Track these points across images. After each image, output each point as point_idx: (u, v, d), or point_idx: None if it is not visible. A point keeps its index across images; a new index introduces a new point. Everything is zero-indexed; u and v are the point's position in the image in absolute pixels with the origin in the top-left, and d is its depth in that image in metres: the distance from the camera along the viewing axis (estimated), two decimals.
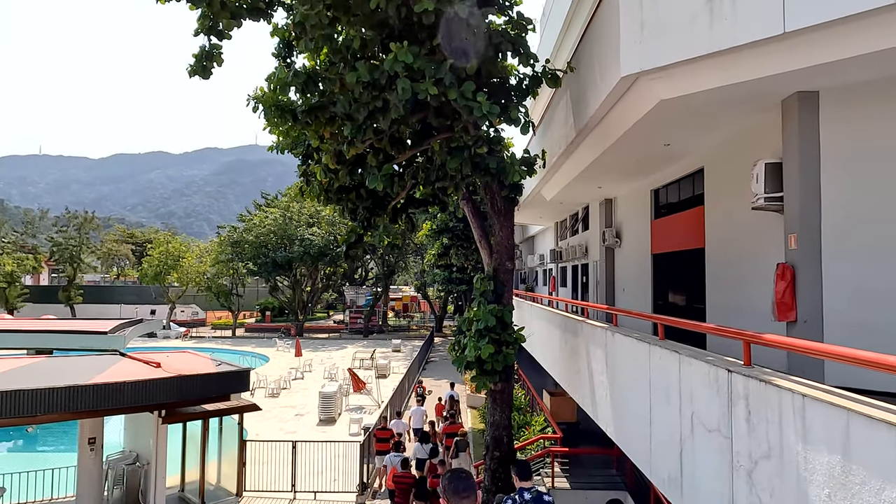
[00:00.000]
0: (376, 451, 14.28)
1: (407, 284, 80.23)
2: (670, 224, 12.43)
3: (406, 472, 11.40)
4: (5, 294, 52.03)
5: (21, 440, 20.77)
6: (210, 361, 13.44)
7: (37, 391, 9.76)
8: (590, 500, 11.74)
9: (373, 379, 26.41)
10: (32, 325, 23.24)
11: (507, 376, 10.96)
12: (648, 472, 6.50)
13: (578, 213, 21.92)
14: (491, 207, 11.51)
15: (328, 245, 45.43)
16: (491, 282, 10.97)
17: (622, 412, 7.66)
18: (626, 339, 7.44)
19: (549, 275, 29.67)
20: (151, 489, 12.15)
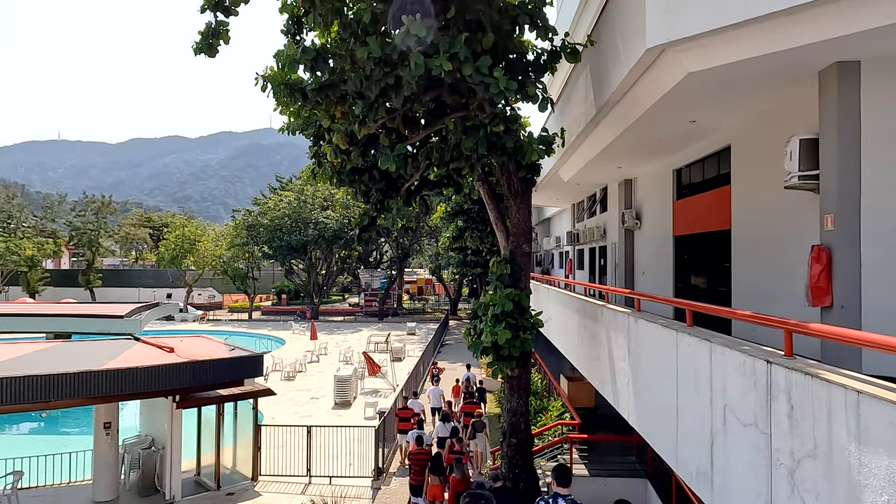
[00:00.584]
0: (397, 429, 14.59)
1: (421, 267, 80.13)
2: (694, 205, 11.98)
3: (421, 448, 11.45)
4: (27, 278, 52.82)
5: (42, 422, 21.05)
6: (224, 346, 13.34)
7: (50, 377, 9.70)
8: (609, 487, 11.50)
9: (388, 362, 26.35)
10: (51, 309, 23.43)
11: (524, 362, 10.70)
12: (674, 465, 6.22)
13: (596, 194, 21.43)
14: (507, 189, 11.16)
15: (342, 228, 45.31)
16: (508, 265, 10.66)
17: (646, 401, 7.36)
18: (651, 325, 7.11)
19: (565, 257, 29.26)
20: (167, 473, 12.15)
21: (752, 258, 9.08)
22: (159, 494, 12.20)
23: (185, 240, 49.19)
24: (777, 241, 8.24)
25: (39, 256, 52.45)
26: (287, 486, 13.12)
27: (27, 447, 15.01)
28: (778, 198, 8.19)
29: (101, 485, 11.93)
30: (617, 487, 11.50)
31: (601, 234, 20.06)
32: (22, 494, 11.80)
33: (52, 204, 65.38)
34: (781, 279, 8.13)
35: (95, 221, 57.97)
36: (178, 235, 49.51)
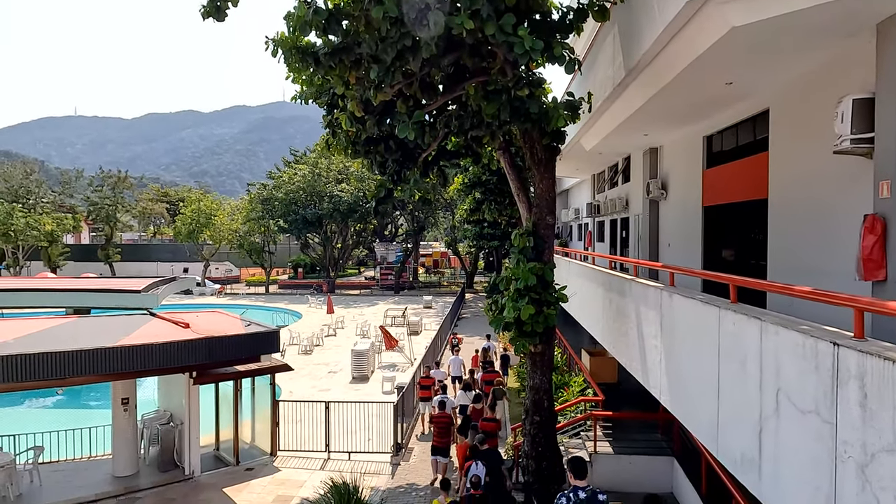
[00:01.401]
0: (420, 397, 15.02)
1: (437, 240, 79.80)
2: (726, 173, 11.38)
3: (442, 412, 11.89)
4: (48, 253, 53.43)
5: (64, 396, 21.27)
6: (240, 322, 13.15)
7: (65, 353, 9.55)
8: (634, 465, 11.21)
9: (405, 336, 26.20)
10: (69, 284, 23.50)
11: (547, 338, 10.34)
12: (715, 450, 5.84)
13: (619, 164, 20.75)
14: (530, 157, 10.66)
15: (357, 201, 44.95)
16: (531, 238, 10.23)
17: (681, 381, 6.97)
18: (688, 301, 6.67)
19: (584, 230, 28.68)
20: (186, 448, 12.09)
21: (791, 229, 8.54)
22: (178, 469, 12.16)
23: (201, 214, 49.19)
24: (822, 210, 7.69)
25: (59, 231, 52.88)
26: (306, 461, 13.03)
27: (49, 422, 15.11)
28: (824, 164, 7.62)
29: (120, 460, 11.91)
30: (642, 465, 11.21)
31: (623, 206, 19.46)
32: (43, 469, 11.83)
33: (70, 179, 65.69)
34: (825, 252, 7.60)
35: (112, 196, 58.21)
36: (195, 210, 49.52)
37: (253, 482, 11.88)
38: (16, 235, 48.48)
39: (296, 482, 11.88)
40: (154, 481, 11.72)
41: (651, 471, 11.20)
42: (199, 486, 11.69)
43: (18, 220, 48.59)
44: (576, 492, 5.31)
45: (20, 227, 48.43)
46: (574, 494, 5.29)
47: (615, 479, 11.19)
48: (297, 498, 11.11)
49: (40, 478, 11.41)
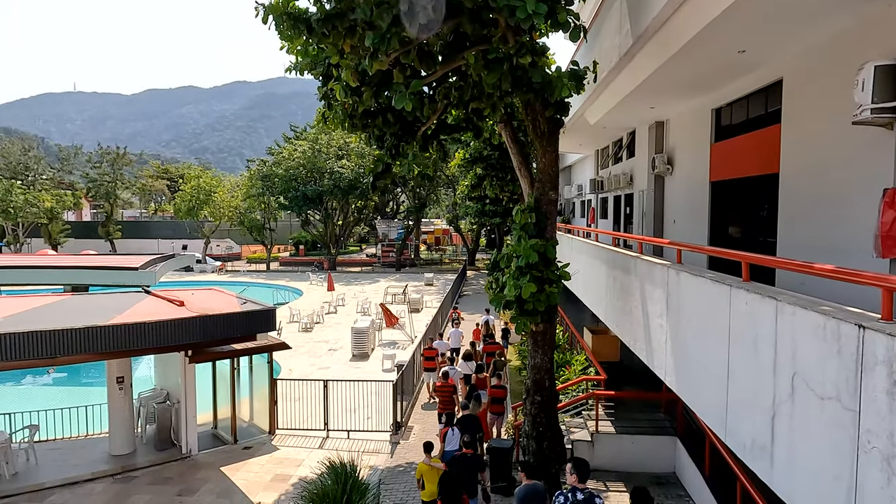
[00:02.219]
0: (424, 368, 15.58)
1: (438, 217, 79.39)
2: (735, 147, 10.99)
3: (446, 382, 12.39)
4: (48, 230, 53.24)
5: (65, 373, 21.22)
6: (235, 300, 12.93)
7: (55, 332, 9.34)
8: (637, 444, 11.05)
9: (406, 314, 26.03)
10: (67, 261, 23.30)
11: (549, 317, 10.08)
12: (722, 434, 5.61)
13: (623, 139, 20.30)
14: (532, 130, 10.28)
15: (358, 178, 44.48)
16: (532, 214, 9.90)
17: (688, 363, 6.71)
18: (697, 279, 6.38)
19: (587, 206, 28.29)
20: (183, 427, 11.96)
21: (804, 205, 8.20)
22: (176, 448, 12.06)
23: (200, 191, 48.77)
24: (837, 184, 7.34)
25: (59, 208, 52.60)
26: (304, 440, 12.92)
27: (45, 400, 15.01)
28: (841, 136, 7.25)
29: (117, 438, 11.80)
30: (645, 445, 11.05)
31: (627, 182, 19.07)
32: (39, 447, 11.75)
33: (69, 156, 65.12)
34: (840, 228, 7.28)
35: (112, 173, 57.77)
36: (194, 186, 49.09)
37: (251, 461, 11.78)
38: (15, 212, 48.21)
39: (294, 461, 11.78)
40: (151, 460, 11.62)
41: (653, 451, 11.05)
42: (196, 465, 11.59)
43: (17, 197, 48.27)
44: (574, 492, 5.37)
45: (19, 203, 48.14)
46: (572, 495, 5.34)
47: (617, 458, 11.05)
48: (295, 477, 11.01)
49: (36, 456, 11.32)
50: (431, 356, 15.30)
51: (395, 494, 10.32)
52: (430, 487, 8.30)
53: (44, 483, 10.53)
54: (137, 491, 10.47)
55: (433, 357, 15.24)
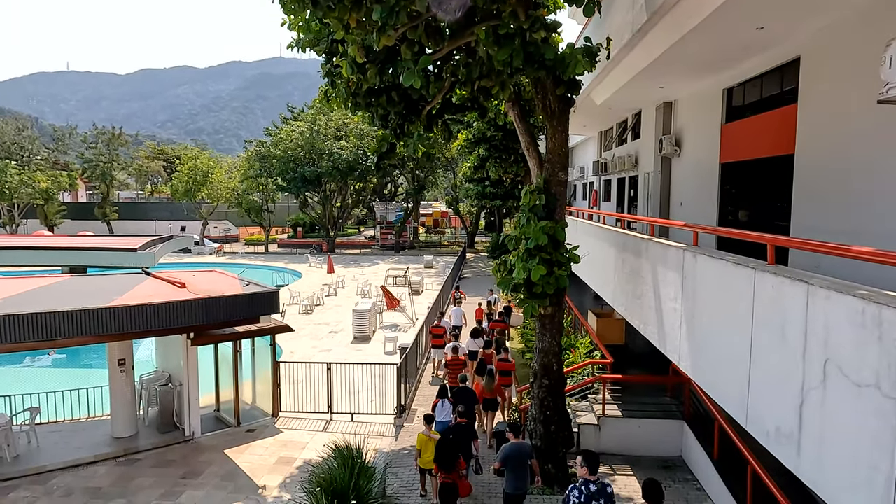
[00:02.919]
0: (432, 345, 16.07)
1: (437, 200, 79.02)
2: (748, 127, 10.78)
3: (456, 356, 12.97)
4: (44, 211, 52.80)
5: (65, 355, 21.09)
6: (237, 282, 12.75)
7: (55, 314, 9.17)
8: (643, 428, 10.99)
9: (406, 296, 25.92)
10: (65, 242, 23.03)
11: (558, 300, 9.95)
12: (743, 420, 5.49)
13: (628, 120, 20.03)
14: (542, 109, 10.04)
15: (357, 159, 44.07)
16: (541, 195, 9.70)
17: (705, 348, 6.57)
18: (717, 262, 6.21)
19: (589, 189, 28.08)
20: (185, 409, 11.86)
21: (820, 187, 8.03)
22: (178, 430, 11.97)
23: (197, 171, 48.31)
24: (857, 166, 7.16)
25: (54, 189, 52.09)
26: (308, 423, 12.84)
27: (47, 382, 14.87)
28: (863, 115, 7.05)
29: (119, 421, 11.69)
30: (651, 429, 11.00)
31: (633, 163, 18.85)
32: (41, 429, 11.64)
33: (64, 136, 64.35)
34: (859, 211, 7.12)
35: (107, 154, 57.15)
36: (191, 167, 48.61)
37: (255, 444, 11.70)
38: (10, 193, 47.71)
39: (298, 444, 11.70)
40: (153, 442, 11.53)
41: (660, 435, 10.99)
42: (199, 448, 11.51)
43: (12, 177, 47.73)
44: (587, 484, 5.63)
45: (14, 184, 47.62)
46: (585, 487, 5.61)
47: (624, 442, 11.00)
48: (299, 460, 10.93)
49: (37, 439, 11.21)
50: (440, 333, 15.60)
51: (401, 478, 10.25)
52: (426, 456, 8.93)
53: (45, 466, 10.43)
54: (141, 473, 10.39)
55: (441, 335, 15.52)
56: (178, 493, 9.69)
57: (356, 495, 7.67)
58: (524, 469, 7.93)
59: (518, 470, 7.85)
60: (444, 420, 10.06)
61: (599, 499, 5.58)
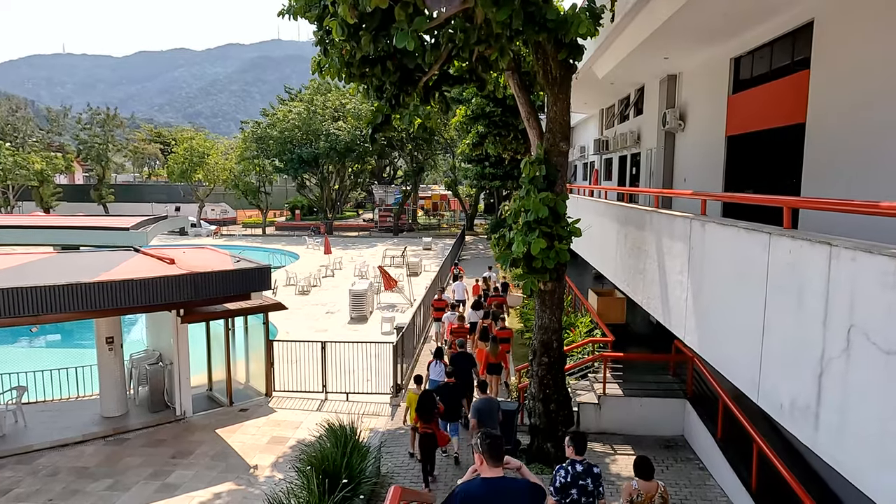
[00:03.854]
0: (433, 318, 16.52)
1: (436, 183, 78.47)
2: (756, 97, 10.38)
3: (461, 324, 13.78)
4: (39, 193, 52.31)
5: (59, 334, 20.85)
6: (229, 258, 12.40)
7: (39, 289, 8.84)
8: (645, 407, 10.73)
9: (404, 277, 25.61)
10: (57, 221, 22.68)
11: (558, 275, 9.62)
12: (755, 395, 5.19)
13: (630, 96, 19.58)
14: (543, 76, 9.63)
15: (355, 140, 43.51)
16: (542, 166, 9.33)
17: (712, 320, 6.26)
18: (727, 229, 5.87)
19: (590, 168, 27.66)
20: (177, 388, 11.59)
21: (833, 157, 7.67)
22: (169, 410, 11.72)
23: (193, 153, 47.69)
24: (876, 134, 6.80)
25: (49, 171, 51.52)
26: (302, 402, 12.59)
27: (36, 361, 14.61)
28: (883, 81, 6.68)
29: (108, 400, 11.43)
30: (653, 408, 10.74)
31: (635, 140, 18.45)
32: (28, 409, 11.38)
33: (58, 117, 63.58)
34: (876, 181, 6.77)
35: (102, 135, 56.48)
36: (187, 148, 48.00)
37: (247, 423, 11.45)
38: (4, 174, 47.18)
39: (291, 423, 11.45)
40: (144, 422, 11.28)
41: (662, 414, 10.74)
42: (190, 427, 11.26)
43: (6, 159, 47.18)
44: (573, 464, 5.63)
45: (8, 165, 47.07)
46: (572, 467, 5.61)
47: (625, 421, 10.75)
48: (292, 440, 10.69)
49: (24, 418, 10.94)
50: (441, 307, 16.00)
51: (396, 457, 10.01)
52: (413, 413, 9.27)
53: (32, 445, 10.18)
54: (130, 453, 10.14)
55: (443, 308, 15.89)
56: (167, 473, 9.44)
57: (348, 474, 7.40)
58: (494, 420, 8.71)
59: (488, 422, 8.55)
60: (436, 379, 10.49)
61: (586, 478, 5.54)
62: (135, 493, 8.86)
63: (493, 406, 8.87)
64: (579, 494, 5.50)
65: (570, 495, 5.52)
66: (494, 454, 3.78)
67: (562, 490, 5.54)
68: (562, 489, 5.54)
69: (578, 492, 5.50)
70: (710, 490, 8.89)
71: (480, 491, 3.75)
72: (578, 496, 5.50)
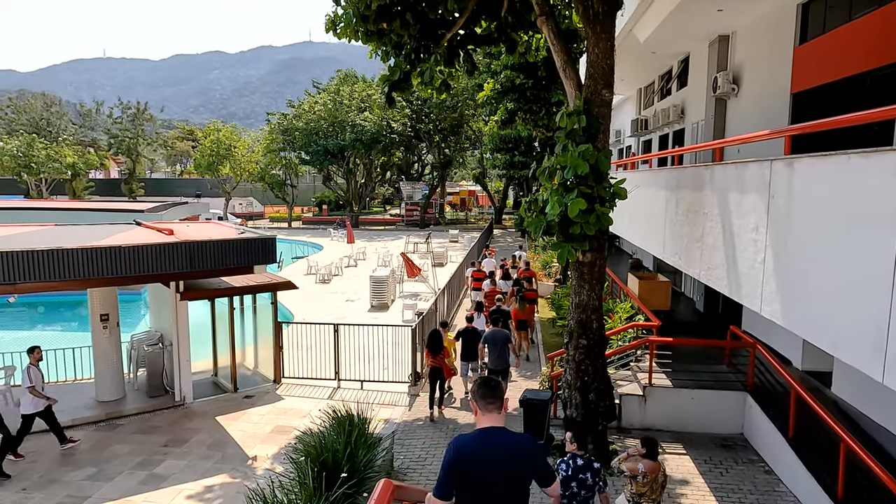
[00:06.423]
0: (472, 288, 17.45)
1: (464, 179, 77.33)
2: (834, 41, 8.93)
3: (493, 287, 15.31)
4: (72, 187, 52.81)
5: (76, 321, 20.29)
6: (233, 230, 11.43)
7: (14, 253, 7.94)
8: (698, 401, 9.34)
9: (429, 267, 24.45)
10: (74, 203, 22.21)
11: (599, 244, 8.32)
12: (878, 370, 3.86)
13: (673, 68, 18.11)
14: (583, 14, 8.37)
15: (380, 131, 42.58)
16: (581, 116, 8.05)
17: (805, 282, 4.92)
18: (831, 161, 4.54)
19: (626, 154, 26.16)
20: (176, 372, 10.65)
21: None
22: (169, 395, 10.78)
23: (220, 145, 47.40)
24: None
25: (81, 164, 51.97)
26: (313, 389, 11.54)
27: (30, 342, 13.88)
28: None
29: (103, 383, 10.56)
30: (707, 401, 9.34)
31: (678, 115, 16.98)
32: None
33: (90, 112, 64.38)
34: None
35: (133, 129, 56.85)
36: (213, 140, 47.76)
37: (251, 411, 10.45)
38: (37, 167, 47.67)
39: (299, 412, 10.40)
40: (140, 407, 10.37)
41: (718, 408, 9.34)
42: (189, 414, 10.30)
43: (39, 152, 47.66)
44: (574, 458, 5.71)
45: (41, 159, 47.55)
46: (573, 461, 5.69)
47: (674, 416, 9.38)
48: (298, 429, 9.59)
49: (14, 400, 10.10)
50: (480, 277, 17.09)
51: (412, 451, 8.85)
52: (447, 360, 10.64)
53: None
54: (119, 440, 9.22)
55: (481, 278, 16.86)
56: (156, 463, 8.47)
57: (350, 467, 6.26)
58: (504, 349, 10.29)
59: (498, 350, 10.24)
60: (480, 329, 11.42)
61: (586, 472, 5.60)
62: (117, 483, 7.90)
63: (500, 335, 10.35)
64: (579, 488, 5.57)
65: (571, 488, 5.60)
66: (488, 399, 3.40)
67: (562, 483, 5.60)
68: (562, 483, 5.60)
69: (578, 485, 5.57)
70: (781, 498, 7.50)
71: (476, 444, 3.37)
72: (578, 489, 5.56)
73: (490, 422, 3.40)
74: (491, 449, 3.32)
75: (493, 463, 3.31)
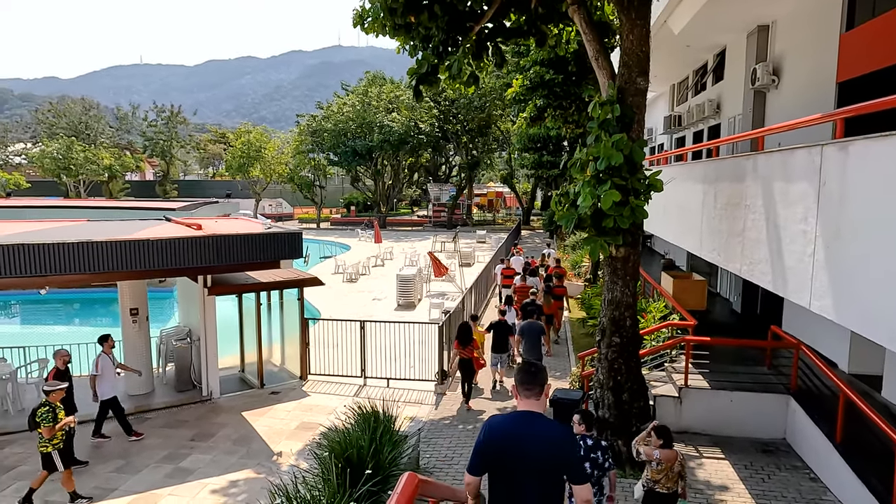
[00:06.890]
0: (503, 285, 17.83)
1: (492, 181, 76.96)
2: (883, 26, 8.45)
3: (524, 283, 15.67)
4: (109, 188, 54.23)
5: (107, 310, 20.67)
6: (260, 225, 11.42)
7: (44, 246, 8.03)
8: (737, 403, 8.92)
9: (456, 267, 24.29)
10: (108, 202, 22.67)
11: (633, 239, 8.02)
12: None
13: (708, 63, 17.60)
14: (617, 1, 8.08)
15: (409, 131, 42.60)
16: (615, 106, 7.77)
17: (863, 272, 4.57)
18: (891, 141, 4.21)
19: (657, 151, 25.55)
20: (204, 367, 10.67)
21: None
22: (196, 390, 10.82)
23: (250, 147, 48.09)
24: None
25: (117, 166, 53.30)
26: (339, 387, 11.45)
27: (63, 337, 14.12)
28: None
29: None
30: (747, 404, 8.92)
31: (714, 110, 16.47)
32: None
33: (126, 115, 66.07)
34: None
35: (167, 132, 58.10)
36: (244, 142, 48.47)
37: (277, 406, 10.40)
38: (76, 169, 49.05)
39: (325, 408, 10.31)
40: (168, 401, 10.42)
41: (758, 411, 8.90)
42: (216, 408, 10.30)
43: (78, 155, 49.05)
44: (584, 439, 5.75)
45: (79, 161, 48.91)
46: (583, 442, 5.72)
47: (712, 419, 8.98)
48: (323, 426, 9.49)
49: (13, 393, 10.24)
50: (510, 274, 17.56)
51: (439, 450, 8.65)
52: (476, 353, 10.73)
53: None
54: (147, 434, 9.24)
55: (511, 275, 17.30)
56: (182, 457, 8.46)
57: (375, 464, 6.10)
58: (537, 341, 10.81)
59: (531, 341, 10.76)
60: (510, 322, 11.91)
61: (597, 451, 5.69)
62: (143, 476, 7.90)
63: (535, 328, 10.91)
64: (592, 468, 5.64)
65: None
66: (526, 385, 3.38)
67: None
68: None
69: (591, 465, 5.64)
70: None
71: (506, 426, 3.37)
72: (591, 469, 5.64)
73: (528, 406, 3.39)
74: (524, 433, 3.29)
75: (525, 448, 3.25)
